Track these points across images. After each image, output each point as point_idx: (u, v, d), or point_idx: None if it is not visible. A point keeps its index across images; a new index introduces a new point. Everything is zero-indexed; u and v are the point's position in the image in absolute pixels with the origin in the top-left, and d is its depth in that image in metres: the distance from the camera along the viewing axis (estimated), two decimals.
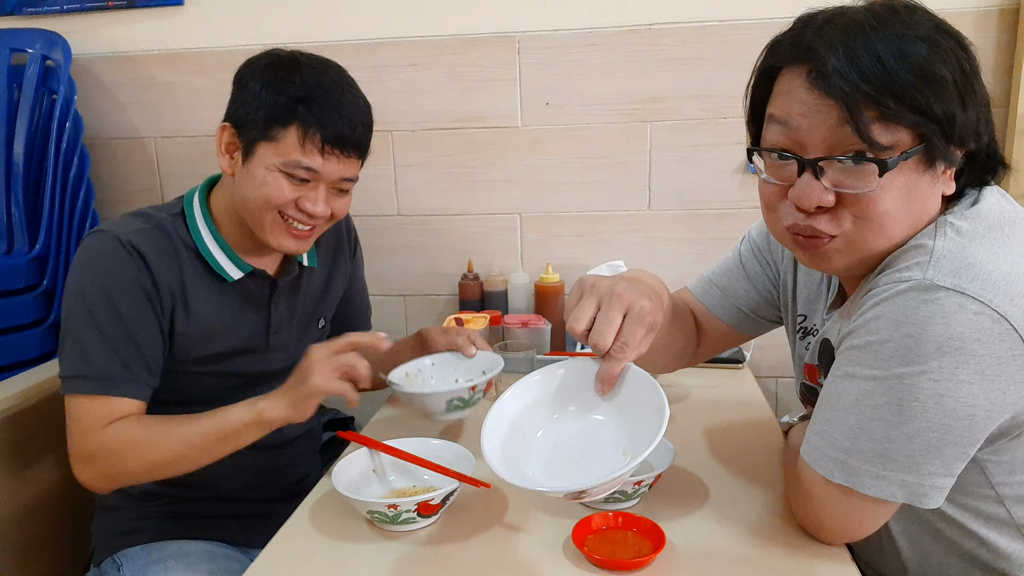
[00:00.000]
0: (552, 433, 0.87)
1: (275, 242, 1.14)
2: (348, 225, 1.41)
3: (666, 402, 0.78)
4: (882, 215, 0.80)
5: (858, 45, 0.77)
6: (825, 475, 0.83)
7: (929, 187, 0.81)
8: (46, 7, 1.81)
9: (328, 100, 1.09)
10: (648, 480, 0.95)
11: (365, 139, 1.15)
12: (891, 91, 0.76)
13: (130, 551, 1.18)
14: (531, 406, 0.88)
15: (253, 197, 1.11)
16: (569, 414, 0.87)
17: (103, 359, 1.06)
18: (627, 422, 0.84)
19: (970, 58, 0.81)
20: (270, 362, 1.23)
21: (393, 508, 0.91)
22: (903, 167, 0.78)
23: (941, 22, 0.81)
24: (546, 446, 0.86)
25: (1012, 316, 0.74)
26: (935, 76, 0.77)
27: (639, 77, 1.69)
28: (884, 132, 0.77)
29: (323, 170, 1.10)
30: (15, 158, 1.74)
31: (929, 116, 0.77)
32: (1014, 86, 1.58)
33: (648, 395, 0.80)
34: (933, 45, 0.78)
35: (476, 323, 1.60)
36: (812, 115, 0.79)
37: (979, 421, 0.76)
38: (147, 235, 1.10)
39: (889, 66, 0.76)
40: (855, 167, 0.78)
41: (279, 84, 1.09)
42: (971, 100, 0.79)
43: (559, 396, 0.88)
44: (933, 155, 0.79)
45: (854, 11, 0.81)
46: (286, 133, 1.08)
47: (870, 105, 0.76)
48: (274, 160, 1.09)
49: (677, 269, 1.78)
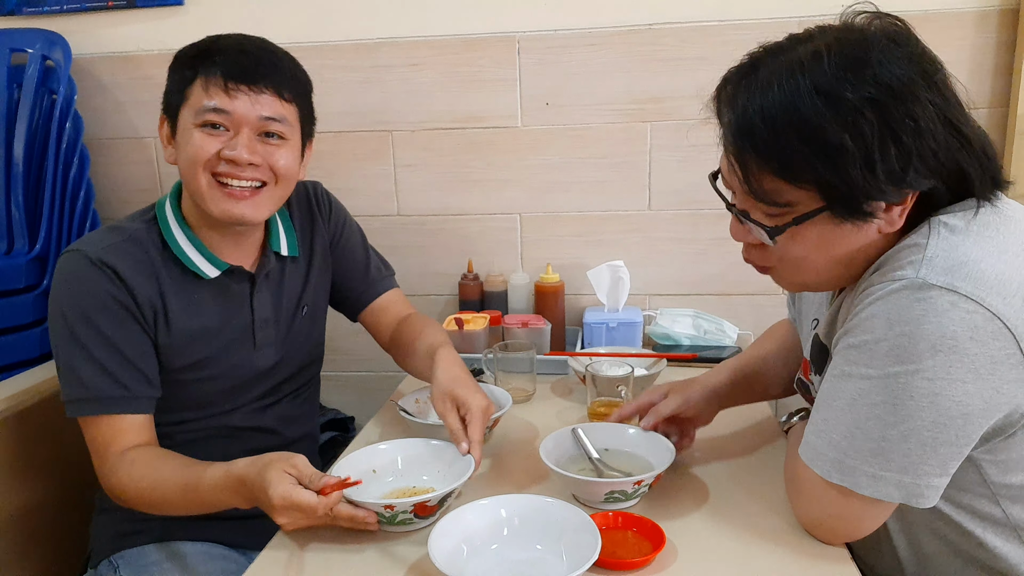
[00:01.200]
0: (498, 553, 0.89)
1: (216, 209, 1.09)
2: (316, 192, 1.35)
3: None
4: (798, 260, 0.85)
5: (758, 107, 0.78)
6: (822, 475, 0.83)
7: (854, 233, 0.82)
8: (46, 7, 1.80)
9: (227, 46, 1.09)
10: (648, 480, 0.96)
11: (278, 75, 1.10)
12: (777, 155, 0.77)
13: (127, 553, 1.17)
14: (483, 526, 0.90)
15: (185, 166, 1.09)
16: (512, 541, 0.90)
17: (98, 381, 1.06)
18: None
19: (906, 109, 0.75)
20: (258, 360, 1.22)
21: (390, 509, 0.91)
22: (814, 222, 0.80)
23: (885, 65, 0.75)
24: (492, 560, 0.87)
25: (1005, 314, 0.74)
26: (828, 145, 0.75)
27: (639, 77, 1.69)
28: (783, 191, 0.79)
29: (233, 108, 1.06)
30: (15, 158, 1.74)
31: (823, 182, 0.77)
32: (1014, 86, 1.58)
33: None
34: (842, 108, 0.74)
35: (476, 323, 1.60)
36: (728, 170, 0.85)
37: (973, 420, 0.76)
38: (119, 249, 1.09)
39: (778, 129, 0.76)
40: (758, 224, 0.83)
41: (182, 55, 1.11)
42: (889, 158, 0.75)
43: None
44: (839, 214, 0.79)
45: (787, 56, 0.79)
46: (193, 88, 1.07)
47: (761, 169, 0.79)
48: (190, 119, 1.08)
49: (677, 269, 1.78)
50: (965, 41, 1.59)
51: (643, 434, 1.08)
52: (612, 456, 1.07)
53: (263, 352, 1.22)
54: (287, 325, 1.26)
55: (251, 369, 1.21)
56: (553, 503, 0.90)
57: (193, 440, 1.17)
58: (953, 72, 0.82)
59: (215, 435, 1.20)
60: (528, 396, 1.41)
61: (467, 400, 1.04)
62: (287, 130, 1.12)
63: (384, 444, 1.08)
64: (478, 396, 1.05)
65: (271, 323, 1.23)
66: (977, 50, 1.59)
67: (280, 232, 1.26)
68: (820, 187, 0.78)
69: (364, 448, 1.07)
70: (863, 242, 0.83)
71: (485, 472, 1.12)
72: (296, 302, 1.28)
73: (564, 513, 0.89)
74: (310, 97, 1.19)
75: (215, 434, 1.20)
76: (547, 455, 1.01)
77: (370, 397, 1.91)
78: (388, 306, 1.39)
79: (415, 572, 0.88)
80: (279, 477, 0.90)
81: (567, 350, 1.64)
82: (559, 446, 1.06)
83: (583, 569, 0.79)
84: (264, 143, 1.10)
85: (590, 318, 1.65)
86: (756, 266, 0.92)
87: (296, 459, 0.93)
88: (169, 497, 1.03)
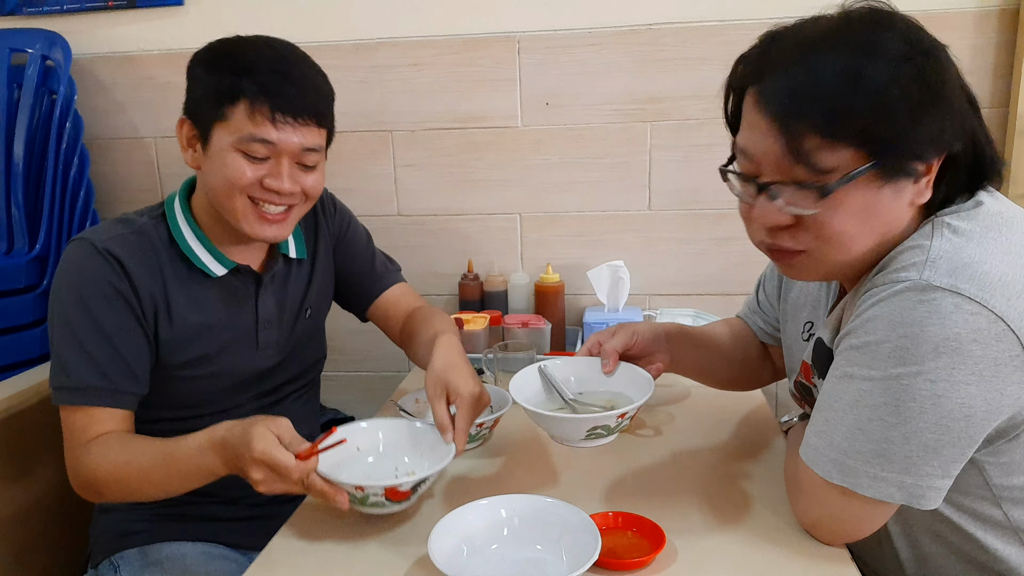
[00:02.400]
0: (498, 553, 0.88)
1: (251, 230, 1.10)
2: (321, 197, 1.34)
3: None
4: (838, 234, 0.81)
5: (801, 66, 0.77)
6: (823, 476, 0.83)
7: (892, 200, 0.80)
8: (46, 7, 1.80)
9: (273, 68, 1.06)
10: (631, 412, 0.96)
11: (320, 105, 1.11)
12: (828, 113, 0.76)
13: (127, 553, 1.17)
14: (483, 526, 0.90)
15: (218, 184, 1.08)
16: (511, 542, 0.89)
17: (82, 370, 1.04)
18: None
19: (938, 67, 0.78)
20: (260, 360, 1.21)
21: (360, 490, 0.91)
22: (857, 184, 0.78)
23: (910, 30, 0.79)
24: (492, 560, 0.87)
25: (1009, 316, 0.74)
26: (877, 96, 0.75)
27: (639, 77, 1.69)
28: (826, 154, 0.77)
29: (279, 141, 1.06)
30: (15, 158, 1.74)
31: (873, 136, 0.76)
32: (1014, 86, 1.58)
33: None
34: (883, 61, 0.75)
35: (476, 323, 1.60)
36: (761, 140, 0.80)
37: (976, 422, 0.76)
38: (125, 240, 1.09)
39: (827, 87, 0.75)
40: (800, 190, 0.79)
41: (222, 62, 1.07)
42: (931, 112, 0.76)
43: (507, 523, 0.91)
44: (885, 172, 0.78)
45: (814, 25, 0.80)
46: (235, 109, 1.05)
47: (807, 127, 0.77)
48: (229, 140, 1.06)
49: (677, 269, 1.78)
50: (965, 41, 1.59)
51: (618, 367, 1.07)
52: (585, 396, 1.06)
53: (265, 353, 1.22)
54: (290, 327, 1.26)
55: (252, 369, 1.21)
56: (553, 503, 0.90)
57: None
58: None
59: None
60: None
61: (458, 386, 1.00)
62: (320, 157, 1.13)
63: (365, 422, 1.06)
64: (470, 383, 1.02)
65: (274, 324, 1.23)
66: (977, 50, 1.59)
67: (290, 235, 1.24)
68: (868, 142, 0.76)
69: (347, 425, 1.04)
70: (899, 215, 0.82)
71: (485, 472, 1.12)
72: (300, 304, 1.28)
73: (564, 513, 0.89)
74: (334, 113, 1.17)
75: None
76: (518, 394, 1.00)
77: (370, 397, 1.91)
78: (397, 300, 1.39)
79: (415, 572, 0.88)
80: (262, 433, 0.90)
81: (567, 350, 1.64)
82: (527, 385, 1.05)
83: (583, 569, 0.79)
84: (300, 169, 1.11)
85: (590, 318, 1.65)
86: (784, 252, 0.85)
87: (281, 421, 0.93)
88: (145, 468, 1.01)
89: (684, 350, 1.16)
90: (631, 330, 1.11)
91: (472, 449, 1.15)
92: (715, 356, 1.21)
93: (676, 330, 1.17)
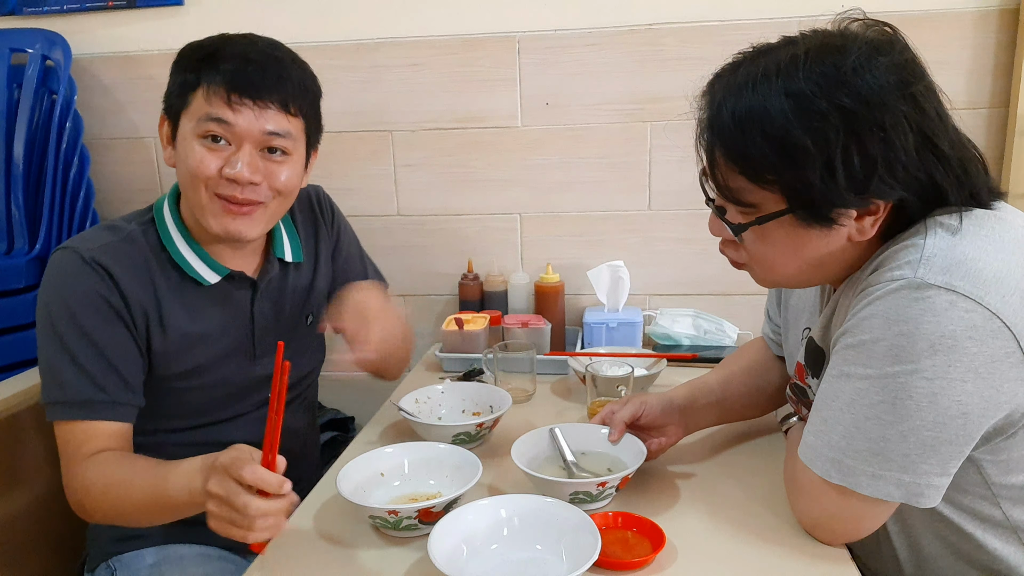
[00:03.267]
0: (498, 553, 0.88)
1: (216, 224, 1.06)
2: (319, 197, 1.31)
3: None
4: (765, 259, 0.86)
5: (728, 107, 0.80)
6: (822, 475, 0.83)
7: (823, 238, 0.82)
8: (46, 7, 1.80)
9: (231, 51, 1.03)
10: (613, 482, 0.96)
11: (286, 89, 1.05)
12: (742, 154, 0.79)
13: (124, 556, 1.16)
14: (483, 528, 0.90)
15: (184, 178, 1.05)
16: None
17: (78, 384, 1.01)
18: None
19: (878, 115, 0.75)
20: (257, 369, 1.19)
21: (393, 515, 0.91)
22: (780, 225, 0.82)
23: (859, 70, 0.76)
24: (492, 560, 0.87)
25: (1003, 313, 0.74)
26: (790, 146, 0.76)
27: (639, 77, 1.69)
28: (750, 193, 0.81)
29: (236, 122, 1.01)
30: (15, 158, 1.74)
31: (787, 185, 0.78)
32: (1014, 86, 1.58)
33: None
34: (802, 110, 0.75)
35: (476, 323, 1.60)
36: (706, 164, 0.86)
37: (973, 419, 0.76)
38: (113, 249, 1.06)
39: (745, 128, 0.78)
40: (723, 218, 0.85)
41: (192, 54, 1.06)
42: (852, 164, 0.75)
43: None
44: (802, 219, 0.80)
45: (756, 61, 0.81)
46: (195, 95, 1.03)
47: (729, 169, 0.81)
48: (190, 127, 1.03)
49: (677, 269, 1.78)
50: (965, 41, 1.59)
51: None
52: (588, 458, 1.07)
53: (263, 361, 1.19)
54: (289, 333, 1.22)
55: (249, 378, 1.18)
56: (553, 503, 0.90)
57: (185, 450, 1.10)
58: (953, 72, 0.83)
59: (210, 444, 1.15)
60: (528, 396, 1.41)
61: (367, 302, 1.05)
62: (291, 145, 1.07)
63: (390, 448, 1.07)
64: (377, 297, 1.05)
65: (271, 331, 1.20)
66: (977, 50, 1.59)
67: (284, 238, 1.23)
68: (783, 189, 0.79)
69: (371, 451, 1.06)
70: (834, 247, 0.83)
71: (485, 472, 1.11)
72: (300, 310, 1.25)
73: (564, 513, 0.89)
74: (318, 106, 1.14)
75: (210, 442, 1.16)
76: (519, 455, 1.02)
77: (370, 397, 1.90)
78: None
79: (415, 572, 0.88)
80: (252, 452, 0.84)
81: (567, 350, 1.64)
82: (535, 446, 1.07)
83: (583, 569, 0.79)
84: (266, 159, 1.06)
85: (590, 318, 1.65)
86: (731, 262, 0.94)
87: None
88: (134, 493, 0.95)
89: (698, 416, 1.14)
90: (640, 401, 1.10)
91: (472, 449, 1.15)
92: (732, 405, 1.18)
93: (687, 399, 1.13)
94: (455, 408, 1.29)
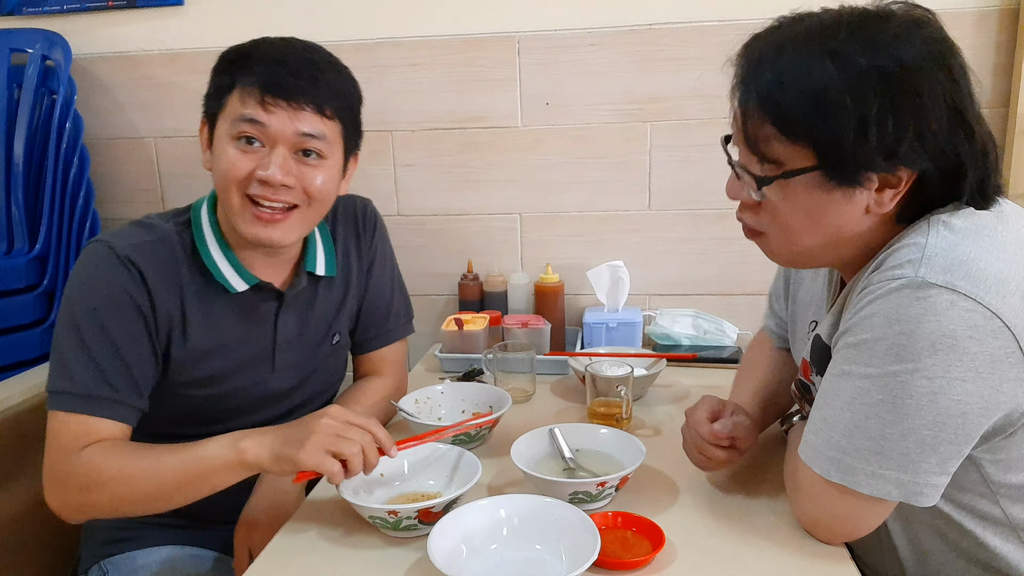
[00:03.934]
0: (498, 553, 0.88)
1: (246, 229, 1.04)
2: (365, 210, 1.28)
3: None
4: (783, 225, 0.86)
5: (768, 61, 0.81)
6: (822, 474, 0.83)
7: (843, 205, 0.82)
8: (46, 7, 1.81)
9: (267, 53, 1.03)
10: (613, 482, 0.96)
11: (322, 93, 1.04)
12: (778, 110, 0.79)
13: (116, 559, 1.15)
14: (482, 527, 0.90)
15: (218, 181, 1.04)
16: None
17: (88, 377, 0.99)
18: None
19: (915, 81, 0.76)
20: (274, 383, 1.17)
21: (393, 515, 0.91)
22: (804, 184, 0.81)
23: (899, 39, 0.77)
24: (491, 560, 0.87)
25: (1004, 313, 0.74)
26: (826, 102, 0.76)
27: (639, 77, 1.69)
28: (778, 147, 0.81)
29: (269, 122, 1.01)
30: (15, 158, 1.74)
31: (820, 140, 0.78)
32: (1014, 86, 1.58)
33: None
34: (842, 68, 0.76)
35: (476, 323, 1.60)
36: (734, 123, 0.87)
37: (973, 419, 0.76)
38: (148, 248, 1.04)
39: (784, 83, 0.79)
40: (748, 176, 0.84)
41: (225, 57, 1.07)
42: (886, 126, 0.76)
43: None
44: (829, 177, 0.80)
45: (800, 24, 0.82)
46: (231, 97, 1.03)
47: (762, 120, 0.81)
48: (225, 129, 1.03)
49: (677, 269, 1.78)
50: (965, 41, 1.56)
51: (617, 435, 1.08)
52: (587, 458, 1.07)
53: (281, 375, 1.17)
54: (312, 349, 1.20)
55: (265, 391, 1.16)
56: (553, 503, 0.90)
57: None
58: None
59: None
60: (528, 396, 1.41)
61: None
62: (326, 148, 1.06)
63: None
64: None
65: (294, 346, 1.17)
66: (977, 50, 1.59)
67: (318, 250, 1.19)
68: (815, 145, 0.79)
69: None
70: (852, 219, 0.83)
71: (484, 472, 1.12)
72: (327, 328, 1.22)
73: (564, 513, 0.89)
74: (358, 111, 1.13)
75: None
76: (519, 455, 1.02)
77: None
78: (383, 360, 1.34)
79: (415, 572, 0.88)
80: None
81: (567, 350, 1.64)
82: (535, 446, 1.07)
83: (583, 569, 0.79)
84: (301, 162, 1.04)
85: (590, 318, 1.65)
86: (747, 229, 0.91)
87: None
88: (158, 468, 0.95)
89: (764, 423, 1.13)
90: (742, 425, 1.03)
91: (472, 449, 1.15)
92: (779, 404, 1.15)
93: (761, 411, 1.11)
94: (455, 408, 1.29)
